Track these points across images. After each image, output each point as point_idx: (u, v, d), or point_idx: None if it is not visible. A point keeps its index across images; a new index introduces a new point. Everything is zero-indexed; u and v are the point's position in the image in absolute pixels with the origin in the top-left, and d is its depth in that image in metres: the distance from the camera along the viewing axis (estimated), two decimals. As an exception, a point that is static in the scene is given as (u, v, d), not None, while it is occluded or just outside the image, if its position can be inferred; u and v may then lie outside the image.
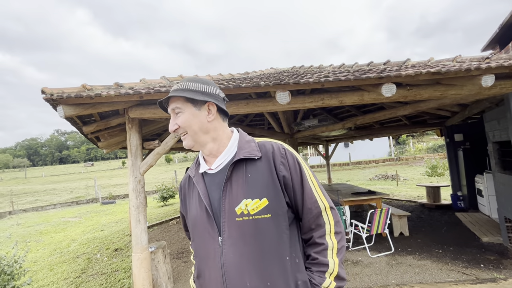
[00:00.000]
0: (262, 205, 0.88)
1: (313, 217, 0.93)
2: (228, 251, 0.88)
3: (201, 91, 0.95)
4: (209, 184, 0.96)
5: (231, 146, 0.97)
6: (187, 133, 0.95)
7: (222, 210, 0.90)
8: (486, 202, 5.65)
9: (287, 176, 0.92)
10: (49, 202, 16.21)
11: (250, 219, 0.87)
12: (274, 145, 0.96)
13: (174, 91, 0.94)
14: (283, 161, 0.93)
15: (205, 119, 0.95)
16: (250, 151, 0.93)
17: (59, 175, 44.71)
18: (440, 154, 21.17)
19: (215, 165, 0.97)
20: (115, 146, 5.16)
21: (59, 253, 5.97)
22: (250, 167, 0.92)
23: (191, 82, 0.96)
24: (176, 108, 0.94)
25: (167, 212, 9.73)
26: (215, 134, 0.97)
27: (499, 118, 3.94)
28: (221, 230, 0.89)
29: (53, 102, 2.59)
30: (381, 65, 3.77)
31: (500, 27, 4.00)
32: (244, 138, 1.00)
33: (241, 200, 0.88)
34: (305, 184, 0.94)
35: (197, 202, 0.97)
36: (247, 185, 0.89)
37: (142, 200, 3.15)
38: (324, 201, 0.95)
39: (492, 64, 2.62)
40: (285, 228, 0.91)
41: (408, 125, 6.79)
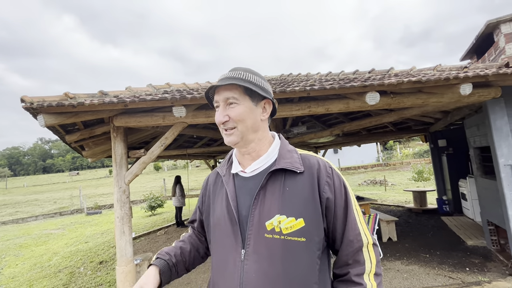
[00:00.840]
0: (297, 225, 0.78)
1: (353, 252, 0.82)
2: (250, 268, 0.78)
3: (261, 86, 0.87)
4: (239, 188, 0.87)
5: (271, 152, 0.89)
6: (235, 128, 0.84)
7: (250, 221, 0.80)
8: (470, 206, 5.81)
9: (331, 199, 0.82)
10: (30, 214, 15.53)
11: (281, 239, 0.77)
12: (320, 162, 0.86)
13: (233, 78, 0.83)
14: (329, 181, 0.83)
15: (259, 117, 0.87)
16: (292, 162, 0.84)
17: (42, 185, 43.10)
18: (426, 159, 21.75)
19: (250, 168, 0.88)
20: (100, 155, 5.02)
21: (40, 267, 5.69)
22: (289, 180, 0.82)
23: (250, 74, 0.86)
24: (232, 98, 0.83)
25: (155, 222, 9.49)
26: (262, 134, 0.89)
27: (479, 124, 4.09)
28: (245, 242, 0.80)
29: (33, 111, 2.51)
30: (366, 74, 3.87)
31: (476, 38, 4.20)
32: (285, 147, 0.91)
33: (274, 215, 0.79)
34: (349, 212, 0.83)
35: (223, 203, 0.88)
36: (283, 199, 0.80)
37: (127, 210, 3.06)
38: (367, 236, 0.85)
39: (469, 73, 2.74)
40: (317, 256, 0.81)
41: (394, 131, 6.96)
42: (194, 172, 34.98)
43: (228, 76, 0.85)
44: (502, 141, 3.32)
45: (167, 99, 2.63)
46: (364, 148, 17.47)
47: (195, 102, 2.76)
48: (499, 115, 3.35)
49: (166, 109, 3.01)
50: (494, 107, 3.37)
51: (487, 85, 3.11)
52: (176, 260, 0.95)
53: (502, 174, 3.31)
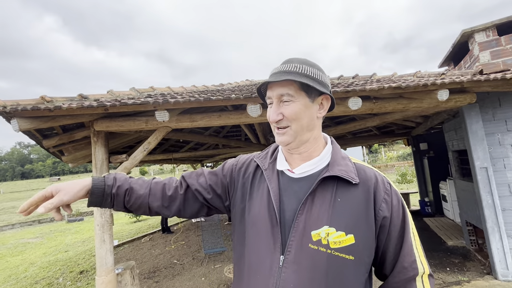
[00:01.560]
0: (347, 241, 0.70)
1: (406, 280, 0.74)
2: (288, 277, 0.70)
3: (319, 80, 0.77)
4: (283, 187, 0.79)
5: (324, 155, 0.81)
6: (289, 126, 0.77)
7: (294, 227, 0.73)
8: (450, 207, 6.02)
9: (387, 218, 0.74)
10: (6, 222, 14.75)
11: (328, 253, 0.70)
12: (378, 175, 0.78)
13: (289, 73, 0.75)
14: (387, 199, 0.75)
15: (315, 114, 0.79)
16: (347, 171, 0.76)
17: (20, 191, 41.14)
18: (409, 162, 22.42)
19: (299, 169, 0.80)
20: (82, 160, 4.84)
21: (15, 279, 5.39)
22: (341, 190, 0.75)
23: (307, 66, 0.77)
24: (287, 94, 0.75)
25: (139, 228, 9.24)
26: (318, 133, 0.82)
27: (456, 129, 4.26)
28: (285, 248, 0.72)
29: (6, 115, 2.39)
30: (350, 79, 3.95)
31: (452, 46, 4.39)
32: (339, 153, 0.83)
33: (322, 225, 0.71)
34: (406, 236, 0.75)
35: (264, 201, 0.79)
36: (334, 210, 0.72)
37: (108, 218, 2.95)
38: (424, 264, 0.76)
39: (446, 80, 2.85)
40: (364, 279, 0.74)
41: (378, 135, 7.14)
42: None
43: (282, 70, 0.76)
44: (478, 145, 3.47)
45: (149, 103, 2.58)
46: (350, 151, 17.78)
47: (178, 106, 2.72)
48: (474, 119, 3.50)
49: (149, 113, 2.95)
50: (470, 112, 3.52)
51: (463, 91, 3.24)
52: (117, 192, 0.83)
53: (478, 176, 3.44)
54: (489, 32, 3.91)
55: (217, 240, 5.77)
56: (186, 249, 6.01)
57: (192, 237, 7.04)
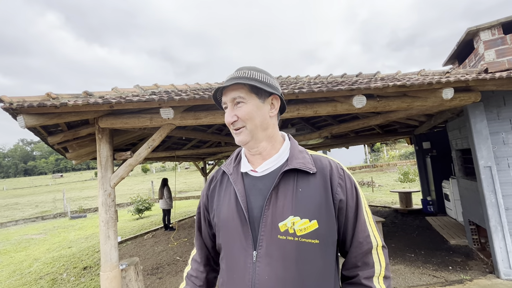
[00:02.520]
0: (311, 227, 0.76)
1: (362, 254, 0.82)
2: (262, 270, 0.75)
3: (267, 82, 0.85)
4: (248, 187, 0.85)
5: (282, 152, 0.87)
6: (244, 127, 0.84)
7: (263, 222, 0.78)
8: (453, 206, 6.01)
9: (344, 200, 0.81)
10: (10, 218, 14.88)
11: (295, 241, 0.76)
12: (331, 163, 0.86)
13: (238, 78, 0.82)
14: (341, 183, 0.82)
15: (267, 114, 0.86)
16: (305, 162, 0.83)
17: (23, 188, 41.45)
18: (411, 161, 22.34)
19: (261, 168, 0.86)
20: (85, 157, 4.87)
21: (19, 274, 5.45)
22: (301, 181, 0.81)
23: (255, 71, 0.85)
24: (239, 97, 0.82)
25: (142, 225, 9.29)
26: (272, 132, 0.88)
27: (460, 128, 4.24)
28: (257, 243, 0.78)
29: (12, 112, 2.41)
30: (354, 77, 3.94)
31: (457, 45, 4.35)
32: (296, 147, 0.90)
33: (287, 216, 0.77)
34: (359, 214, 0.83)
35: (232, 203, 0.85)
36: (297, 200, 0.79)
37: (112, 214, 2.98)
38: (377, 238, 0.84)
39: (451, 78, 2.84)
40: (332, 259, 0.81)
41: (380, 133, 7.12)
42: (183, 174, 34.55)
43: (233, 76, 0.84)
44: (482, 144, 3.46)
45: (154, 101, 2.59)
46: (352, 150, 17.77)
47: (183, 104, 2.73)
48: (479, 118, 3.49)
49: (153, 111, 2.96)
50: (474, 111, 3.50)
51: (468, 90, 3.23)
52: None
53: (482, 175, 3.44)
54: (494, 30, 3.87)
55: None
56: (189, 246, 6.05)
57: (194, 233, 7.07)
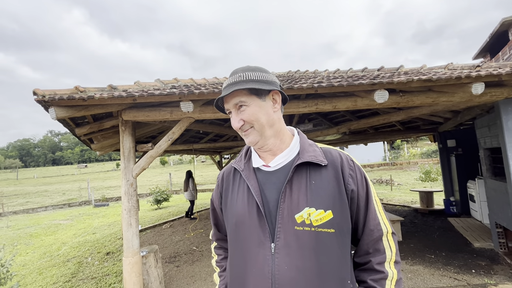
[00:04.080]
0: (326, 217, 0.79)
1: (373, 241, 0.86)
2: (281, 261, 0.78)
3: (264, 80, 0.86)
4: (262, 182, 0.87)
5: (293, 146, 0.89)
6: (252, 127, 0.85)
7: (279, 214, 0.81)
8: (478, 208, 5.72)
9: (355, 190, 0.85)
10: (40, 204, 15.94)
11: (312, 231, 0.78)
12: (342, 155, 0.88)
13: (235, 83, 0.83)
14: (352, 174, 0.85)
15: (271, 110, 0.87)
16: (316, 155, 0.85)
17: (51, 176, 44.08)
18: (433, 159, 21.41)
19: (274, 162, 0.88)
20: (108, 148, 5.10)
21: (49, 256, 5.85)
22: (314, 174, 0.84)
23: (250, 72, 0.86)
24: (240, 102, 0.84)
25: (160, 215, 9.63)
26: (279, 126, 0.89)
27: (490, 125, 4.00)
28: (275, 236, 0.80)
29: (45, 104, 2.56)
30: (375, 71, 3.81)
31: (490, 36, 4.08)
32: (306, 141, 0.92)
33: (303, 208, 0.80)
34: (370, 203, 0.87)
35: (245, 199, 0.87)
36: (311, 192, 0.81)
37: (134, 203, 3.11)
38: (387, 225, 0.88)
39: (482, 72, 2.67)
40: (348, 247, 0.84)
41: (401, 130, 6.87)
42: (199, 167, 35.26)
43: (229, 82, 0.85)
44: (514, 143, 3.25)
45: (175, 94, 2.65)
46: (370, 147, 17.29)
47: (202, 98, 2.78)
48: (511, 115, 3.27)
49: (174, 104, 3.03)
50: (507, 107, 3.29)
51: (500, 85, 3.03)
52: None
53: (513, 176, 3.24)
54: (533, 20, 3.59)
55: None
56: (205, 237, 6.21)
57: (210, 225, 7.24)
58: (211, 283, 3.82)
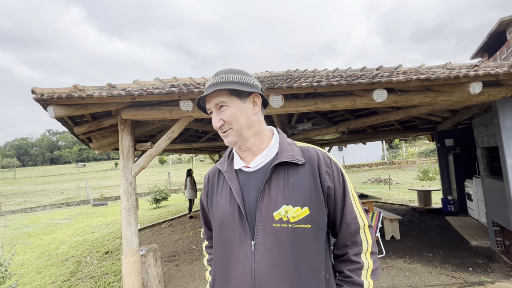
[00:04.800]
0: (303, 214, 0.83)
1: (351, 234, 0.90)
2: (261, 257, 0.82)
3: (245, 83, 0.89)
4: (243, 183, 0.90)
5: (272, 146, 0.93)
6: (231, 128, 0.88)
7: (258, 213, 0.84)
8: (475, 207, 5.76)
9: (331, 187, 0.88)
10: (38, 204, 15.88)
11: (289, 227, 0.82)
12: (319, 153, 0.91)
13: (217, 84, 0.87)
14: (328, 171, 0.88)
15: (251, 112, 0.90)
16: (293, 155, 0.89)
17: (49, 175, 43.90)
18: (431, 159, 21.50)
19: (253, 163, 0.91)
20: (107, 147, 5.09)
21: (48, 255, 5.84)
22: (291, 172, 0.87)
23: (232, 74, 0.89)
24: (221, 102, 0.87)
25: (159, 214, 9.63)
26: (258, 128, 0.92)
27: (487, 124, 4.03)
28: (255, 234, 0.84)
29: (43, 102, 2.55)
30: (374, 71, 3.83)
31: (488, 36, 4.11)
32: (285, 140, 0.95)
33: (280, 206, 0.83)
34: (346, 198, 0.90)
35: (227, 199, 0.91)
36: (288, 190, 0.85)
37: (133, 202, 3.11)
38: (363, 218, 0.92)
39: (480, 72, 2.69)
40: (323, 241, 0.88)
41: (400, 129, 6.89)
42: (198, 167, 35.21)
43: (211, 83, 0.88)
44: (511, 142, 3.27)
45: (174, 93, 2.65)
46: (369, 146, 17.35)
47: (201, 97, 2.78)
48: (508, 115, 3.30)
49: (173, 103, 3.03)
50: (504, 106, 3.31)
51: (498, 84, 3.05)
52: None
53: (510, 175, 3.27)
54: (530, 20, 3.62)
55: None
56: (204, 236, 6.22)
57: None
58: (210, 282, 3.83)
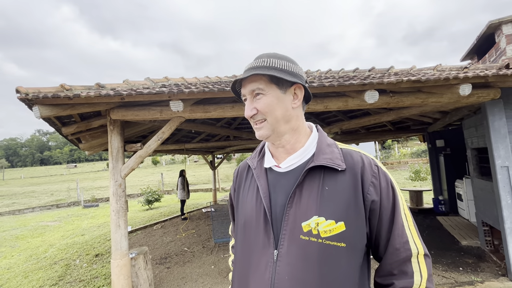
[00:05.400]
0: (337, 229, 0.71)
1: (399, 261, 0.74)
2: (283, 270, 0.72)
3: (289, 71, 0.78)
4: (272, 183, 0.81)
5: (308, 146, 0.81)
6: (265, 120, 0.78)
7: (285, 220, 0.75)
8: (466, 206, 5.85)
9: (377, 201, 0.74)
10: (27, 205, 15.51)
11: (319, 242, 0.71)
12: (364, 159, 0.78)
13: (256, 68, 0.76)
14: (375, 182, 0.74)
15: (290, 105, 0.79)
16: (333, 158, 0.76)
17: (39, 177, 43.01)
18: (423, 159, 21.83)
19: (285, 163, 0.81)
20: (98, 148, 5.00)
21: (36, 259, 5.69)
22: (328, 179, 0.75)
23: (275, 59, 0.78)
24: (258, 89, 0.77)
25: (151, 216, 9.50)
26: (296, 124, 0.81)
27: (477, 126, 4.09)
28: (279, 242, 0.74)
29: (28, 102, 2.48)
30: (366, 72, 3.84)
31: (477, 39, 4.17)
32: (325, 140, 0.83)
33: (311, 216, 0.72)
34: (396, 217, 0.75)
35: (254, 200, 0.82)
36: (322, 200, 0.73)
37: (123, 204, 3.05)
38: (418, 244, 0.75)
39: (469, 74, 2.72)
40: (358, 264, 0.74)
41: (392, 130, 6.96)
42: (192, 167, 34.99)
43: (251, 66, 0.78)
44: (500, 143, 3.33)
45: (164, 93, 2.61)
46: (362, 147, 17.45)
47: (193, 97, 2.74)
48: (497, 116, 3.35)
49: (163, 103, 2.98)
50: (493, 108, 3.36)
51: (487, 86, 3.10)
52: None
53: (499, 175, 3.32)
54: (518, 23, 3.68)
55: (227, 230, 5.87)
56: (196, 237, 6.16)
57: (202, 226, 7.19)
58: (202, 284, 3.78)
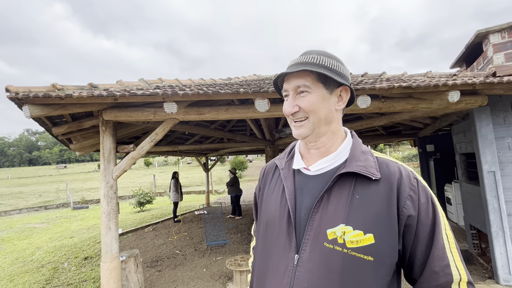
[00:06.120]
0: (365, 241, 0.66)
1: (437, 287, 0.67)
2: (302, 276, 0.68)
3: (337, 71, 0.74)
4: (299, 186, 0.77)
5: (342, 151, 0.77)
6: (306, 119, 0.74)
7: (309, 225, 0.71)
8: (454, 210, 5.97)
9: (414, 217, 0.68)
10: (14, 207, 15.09)
11: (344, 252, 0.66)
12: (402, 170, 0.72)
13: (305, 64, 0.73)
14: (413, 196, 0.68)
15: (334, 106, 0.76)
16: (367, 166, 0.71)
17: (27, 177, 41.97)
18: (414, 163, 22.20)
19: (315, 166, 0.77)
20: (89, 149, 4.92)
21: (22, 262, 5.54)
22: (360, 187, 0.70)
23: (325, 57, 0.74)
24: (304, 86, 0.72)
25: (143, 218, 9.38)
26: (336, 127, 0.78)
27: (465, 131, 4.20)
28: (301, 247, 0.71)
29: (18, 101, 2.43)
30: (359, 77, 3.91)
31: (466, 47, 4.30)
32: (359, 146, 0.78)
33: (338, 224, 0.68)
34: (437, 237, 0.68)
35: (278, 200, 0.79)
36: (351, 208, 0.68)
37: (114, 206, 3.01)
38: (461, 270, 0.67)
39: (458, 81, 2.80)
40: (385, 282, 0.68)
41: (384, 135, 7.08)
42: (185, 169, 34.71)
43: (299, 61, 0.74)
44: (487, 148, 3.42)
45: (158, 95, 2.60)
46: (355, 151, 17.67)
47: (187, 99, 2.74)
48: (484, 122, 3.45)
49: (157, 105, 2.97)
50: (480, 115, 3.46)
51: (475, 93, 3.19)
52: None
53: (485, 180, 3.40)
54: (504, 33, 3.81)
55: (219, 232, 5.84)
56: (188, 240, 6.10)
57: (195, 229, 7.13)
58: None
